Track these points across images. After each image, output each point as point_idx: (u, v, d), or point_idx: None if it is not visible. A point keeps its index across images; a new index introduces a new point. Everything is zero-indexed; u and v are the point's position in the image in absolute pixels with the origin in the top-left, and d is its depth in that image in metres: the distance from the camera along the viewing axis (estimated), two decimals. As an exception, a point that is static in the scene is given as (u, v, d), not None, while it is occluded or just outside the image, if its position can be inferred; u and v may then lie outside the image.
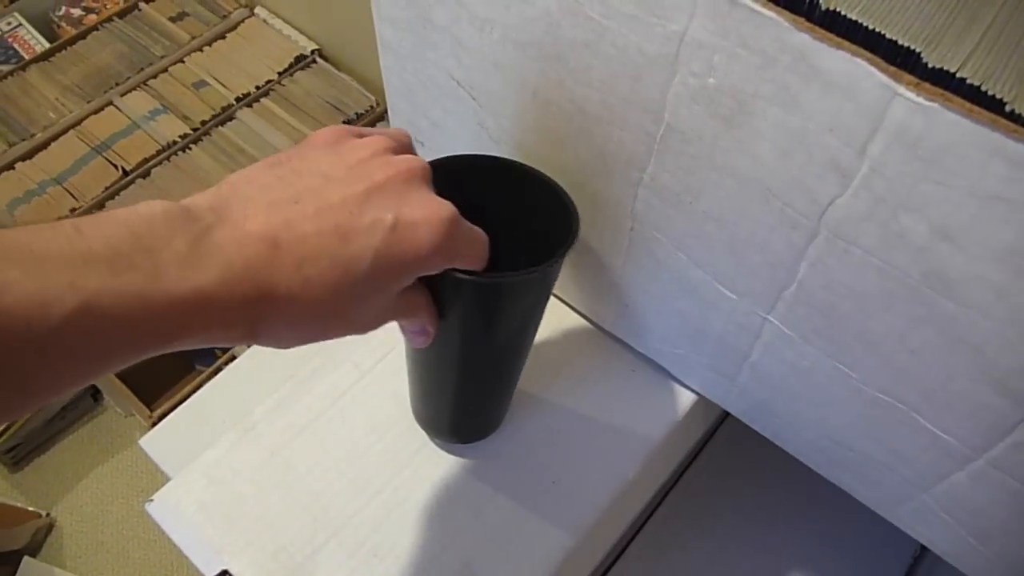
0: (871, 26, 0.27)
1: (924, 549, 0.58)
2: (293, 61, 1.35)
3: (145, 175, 1.24)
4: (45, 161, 1.25)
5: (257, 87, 1.33)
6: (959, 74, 0.26)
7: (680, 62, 0.32)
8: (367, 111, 1.29)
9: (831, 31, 0.27)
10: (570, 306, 0.55)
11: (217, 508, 0.48)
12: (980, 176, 0.26)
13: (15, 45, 1.43)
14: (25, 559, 1.18)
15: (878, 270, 0.32)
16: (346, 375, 0.53)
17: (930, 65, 0.26)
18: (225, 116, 1.30)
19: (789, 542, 0.59)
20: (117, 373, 1.08)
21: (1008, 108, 0.25)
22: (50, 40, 1.43)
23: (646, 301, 0.47)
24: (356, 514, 0.48)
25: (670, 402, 0.51)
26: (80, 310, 0.23)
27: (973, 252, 0.28)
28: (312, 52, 1.36)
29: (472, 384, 0.45)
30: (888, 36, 0.27)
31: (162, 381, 1.23)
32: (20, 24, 1.46)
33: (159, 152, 1.26)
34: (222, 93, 1.32)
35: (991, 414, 0.32)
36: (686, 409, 0.51)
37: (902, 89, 0.26)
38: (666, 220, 0.40)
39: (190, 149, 1.27)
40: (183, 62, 1.37)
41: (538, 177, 0.41)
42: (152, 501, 0.48)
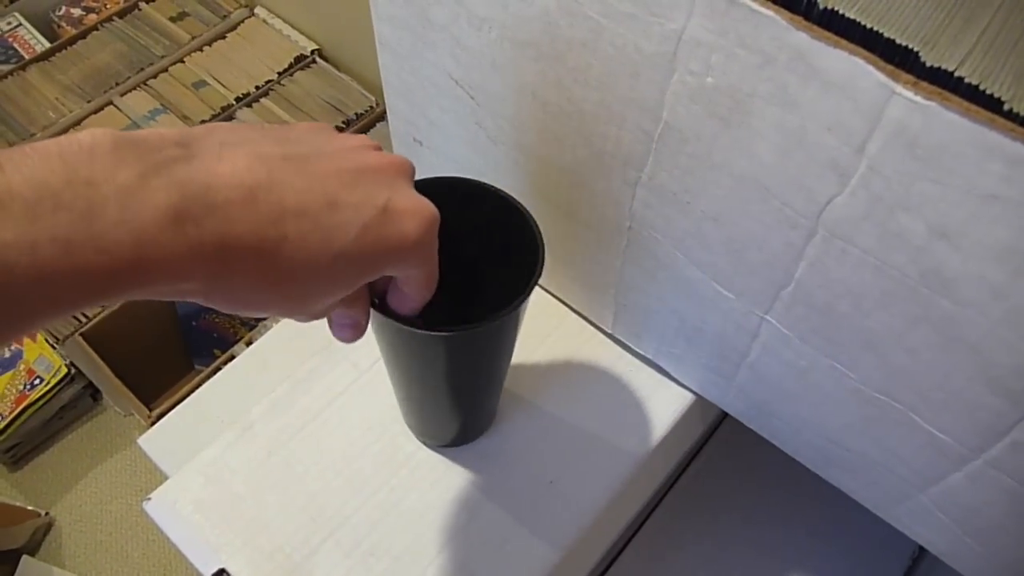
0: (869, 25, 0.27)
1: (922, 550, 0.58)
2: (293, 61, 1.35)
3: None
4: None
5: (257, 87, 1.33)
6: (957, 73, 0.26)
7: (678, 61, 0.32)
8: (367, 111, 1.29)
9: (829, 30, 0.27)
10: (568, 306, 0.55)
11: (214, 507, 0.48)
12: (977, 175, 0.26)
13: (15, 45, 1.43)
14: (24, 558, 1.18)
15: (876, 269, 0.32)
16: (343, 375, 0.53)
17: (928, 64, 0.26)
18: (225, 116, 1.30)
19: (787, 543, 0.59)
20: (116, 373, 1.09)
21: (1006, 107, 0.25)
22: (50, 40, 1.44)
23: (644, 301, 0.47)
24: (353, 514, 0.48)
25: (668, 402, 0.51)
26: None
27: (970, 251, 0.28)
28: (312, 52, 1.36)
29: (449, 402, 0.45)
30: (886, 35, 0.27)
31: (161, 380, 1.23)
32: (20, 24, 1.46)
33: (159, 152, 1.25)
34: (222, 93, 1.32)
35: (988, 414, 0.32)
36: (684, 409, 0.51)
37: (900, 88, 0.26)
38: (664, 220, 0.40)
39: (190, 149, 1.27)
40: (183, 62, 1.37)
41: (516, 208, 0.40)
42: (150, 500, 0.48)
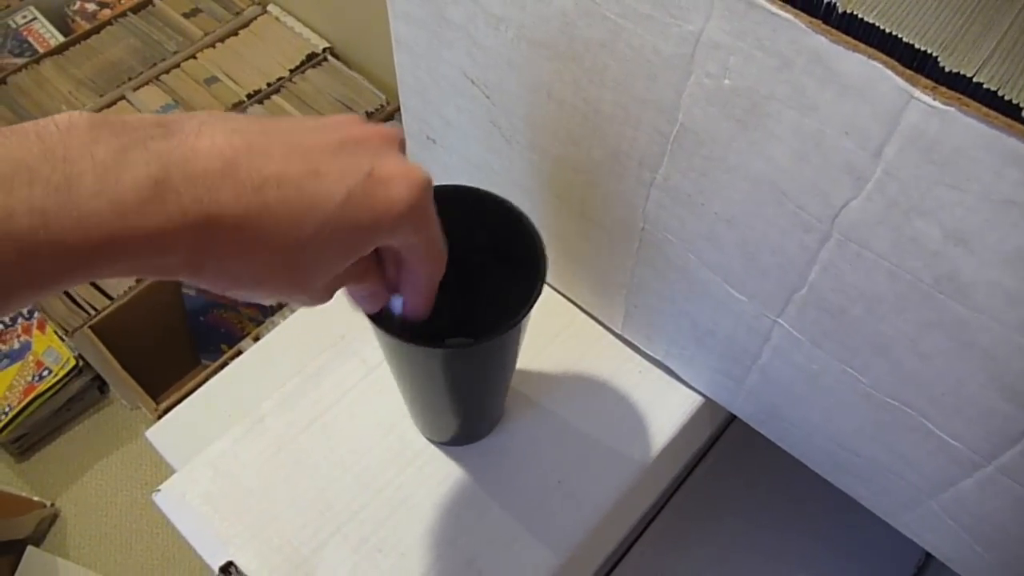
0: (888, 29, 0.27)
1: (929, 557, 0.58)
2: (304, 59, 1.36)
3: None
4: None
5: (268, 84, 1.33)
6: (975, 79, 0.26)
7: (696, 63, 0.32)
8: (378, 109, 1.29)
9: (848, 34, 0.28)
10: (579, 307, 0.55)
11: (223, 500, 0.48)
12: (994, 180, 0.26)
13: (29, 38, 1.44)
14: (29, 548, 1.18)
15: (890, 274, 0.32)
16: (353, 371, 0.53)
17: (947, 69, 0.26)
18: (236, 112, 1.30)
19: (792, 548, 0.59)
20: (124, 366, 1.09)
21: (1024, 113, 0.25)
22: (64, 34, 1.44)
23: (655, 302, 0.47)
24: (361, 509, 0.48)
25: (677, 404, 0.51)
26: None
27: (986, 256, 0.28)
28: (324, 50, 1.37)
29: (452, 407, 0.46)
30: (905, 40, 0.27)
31: (168, 374, 1.23)
32: (35, 18, 1.47)
33: (170, 147, 1.26)
34: (233, 89, 1.33)
35: (1000, 420, 0.32)
36: (693, 412, 0.51)
37: (918, 92, 0.27)
38: (678, 221, 0.40)
39: (201, 144, 1.27)
40: (195, 58, 1.37)
41: (520, 218, 0.40)
42: (159, 491, 0.49)
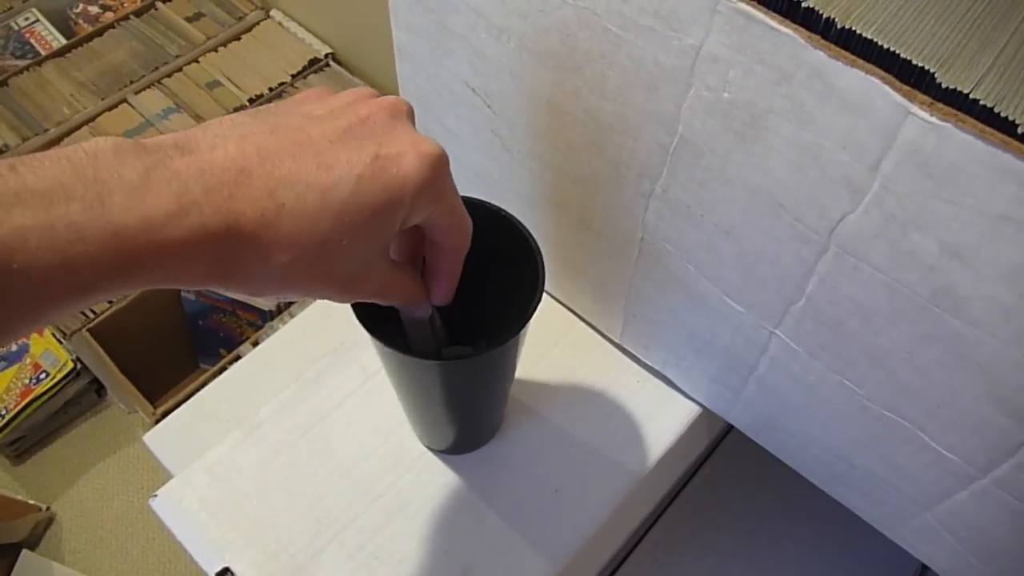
0: (886, 45, 0.27)
1: (924, 569, 0.58)
2: (307, 64, 1.36)
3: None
4: (58, 157, 1.26)
5: (270, 88, 1.33)
6: (972, 95, 0.26)
7: (695, 75, 0.33)
8: (378, 116, 1.29)
9: (847, 49, 0.28)
10: (578, 315, 0.56)
11: (220, 506, 0.48)
12: (990, 196, 0.27)
13: (32, 40, 1.44)
14: (24, 552, 1.18)
15: (887, 287, 0.32)
16: (352, 377, 0.53)
17: (944, 85, 0.26)
18: (237, 117, 1.31)
19: (789, 559, 0.59)
20: (122, 369, 1.09)
21: (1020, 130, 0.25)
22: (67, 36, 1.45)
23: (653, 312, 0.47)
24: (358, 516, 0.48)
25: (674, 414, 0.51)
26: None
27: (982, 271, 0.28)
28: (326, 56, 1.37)
29: (450, 417, 0.46)
30: (903, 56, 0.27)
31: (166, 378, 1.23)
32: (37, 20, 1.47)
33: (171, 151, 1.26)
34: (235, 94, 1.33)
35: (996, 433, 0.32)
36: (690, 421, 0.51)
37: (915, 108, 0.27)
38: (676, 232, 0.40)
39: (202, 149, 1.27)
40: (197, 62, 1.38)
41: (519, 228, 0.40)
42: (156, 496, 0.49)
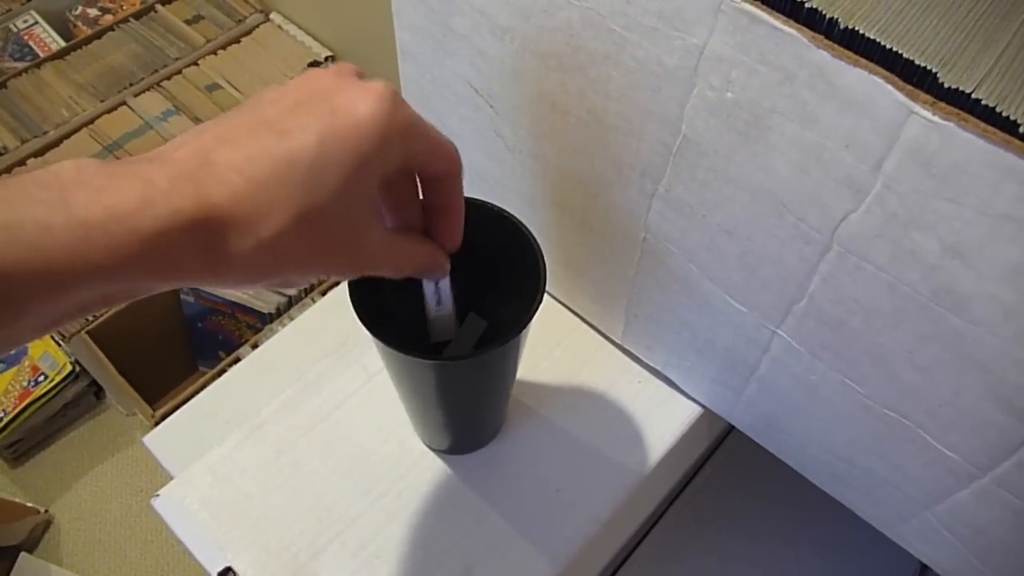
0: (889, 45, 0.27)
1: (924, 569, 0.58)
2: (306, 67, 1.36)
3: (156, 175, 1.25)
4: (57, 158, 1.25)
5: (270, 92, 1.33)
6: (974, 95, 0.26)
7: (699, 76, 0.33)
8: (378, 119, 1.30)
9: (850, 49, 0.28)
10: (579, 316, 0.56)
11: (222, 505, 0.48)
12: (992, 195, 0.27)
13: (31, 43, 1.44)
14: (22, 555, 1.17)
15: (889, 286, 0.32)
16: (353, 378, 0.53)
17: (946, 85, 0.27)
18: (237, 119, 1.31)
19: (789, 559, 0.59)
20: (121, 372, 1.09)
21: (1022, 130, 0.25)
22: (66, 39, 1.45)
23: (655, 313, 0.47)
24: (360, 516, 0.48)
25: (675, 415, 0.52)
26: None
27: (983, 270, 0.29)
28: (325, 58, 1.37)
29: (451, 417, 0.46)
30: (905, 56, 0.27)
31: (165, 381, 1.23)
32: (36, 22, 1.47)
33: (170, 153, 1.26)
34: (235, 96, 1.33)
35: (997, 432, 0.32)
36: (691, 422, 0.51)
37: (918, 107, 0.27)
38: (679, 232, 0.40)
39: (201, 151, 1.27)
40: (197, 65, 1.38)
41: (520, 228, 0.40)
42: (158, 496, 0.49)
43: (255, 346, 1.08)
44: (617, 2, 0.34)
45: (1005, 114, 0.26)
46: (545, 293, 0.38)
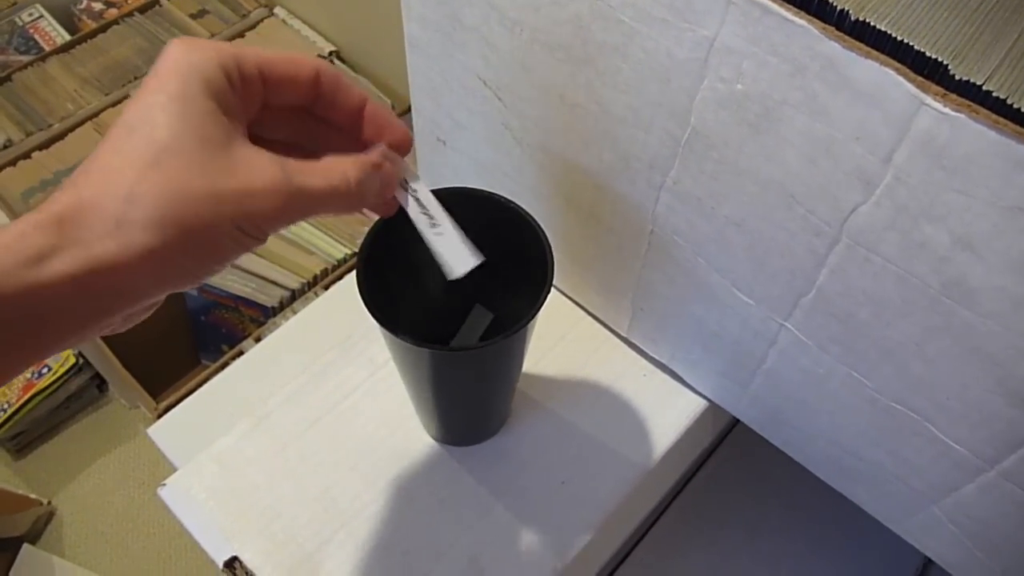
0: (900, 37, 0.27)
1: (928, 563, 0.58)
2: (310, 63, 1.36)
3: (160, 169, 1.25)
4: (61, 151, 1.26)
5: (274, 86, 1.33)
6: (985, 87, 0.26)
7: (709, 67, 0.33)
8: (382, 114, 1.30)
9: (861, 41, 0.28)
10: (585, 309, 0.56)
11: (229, 495, 0.48)
12: (1003, 187, 0.27)
13: (36, 36, 1.45)
14: (24, 546, 1.18)
15: (898, 278, 0.32)
16: (360, 369, 0.53)
17: (957, 77, 0.27)
18: (241, 113, 1.31)
19: (794, 552, 0.60)
20: (124, 364, 1.09)
21: (1034, 121, 0.25)
22: (71, 32, 1.45)
23: (662, 305, 0.47)
24: (365, 507, 0.48)
25: (681, 408, 0.52)
26: None
27: (993, 262, 0.29)
28: (330, 54, 1.37)
29: (457, 408, 0.46)
30: (916, 47, 0.27)
31: (168, 374, 1.23)
32: (42, 15, 1.47)
33: (174, 147, 1.26)
34: (239, 91, 1.33)
35: (1004, 425, 0.33)
36: (696, 415, 0.51)
37: (929, 99, 0.27)
38: (687, 224, 0.40)
39: (205, 145, 1.28)
40: (202, 59, 1.38)
41: (528, 220, 0.40)
42: (164, 485, 0.49)
43: (258, 340, 1.09)
44: (628, -7, 0.34)
45: (1016, 106, 0.26)
46: (552, 284, 0.39)
